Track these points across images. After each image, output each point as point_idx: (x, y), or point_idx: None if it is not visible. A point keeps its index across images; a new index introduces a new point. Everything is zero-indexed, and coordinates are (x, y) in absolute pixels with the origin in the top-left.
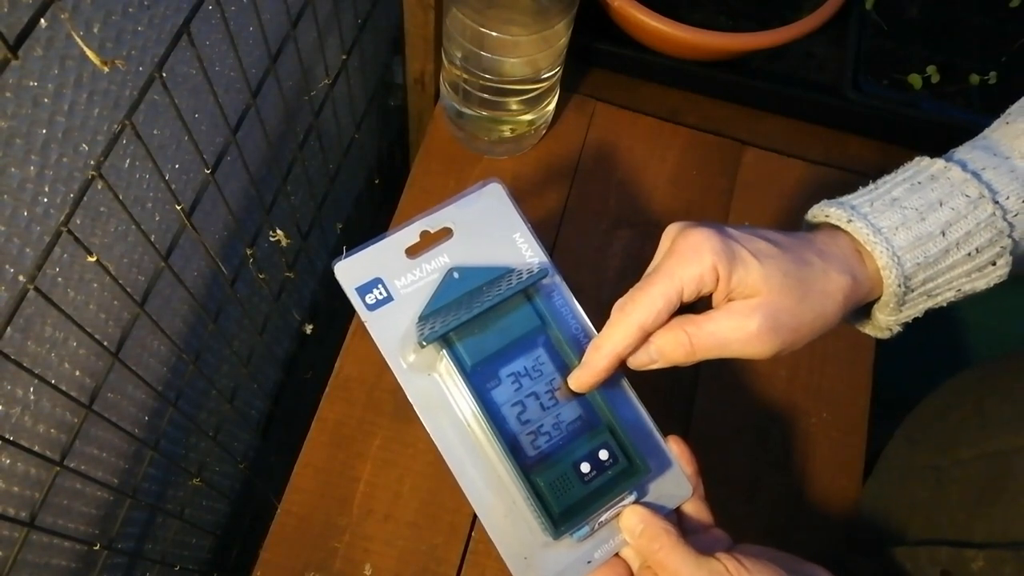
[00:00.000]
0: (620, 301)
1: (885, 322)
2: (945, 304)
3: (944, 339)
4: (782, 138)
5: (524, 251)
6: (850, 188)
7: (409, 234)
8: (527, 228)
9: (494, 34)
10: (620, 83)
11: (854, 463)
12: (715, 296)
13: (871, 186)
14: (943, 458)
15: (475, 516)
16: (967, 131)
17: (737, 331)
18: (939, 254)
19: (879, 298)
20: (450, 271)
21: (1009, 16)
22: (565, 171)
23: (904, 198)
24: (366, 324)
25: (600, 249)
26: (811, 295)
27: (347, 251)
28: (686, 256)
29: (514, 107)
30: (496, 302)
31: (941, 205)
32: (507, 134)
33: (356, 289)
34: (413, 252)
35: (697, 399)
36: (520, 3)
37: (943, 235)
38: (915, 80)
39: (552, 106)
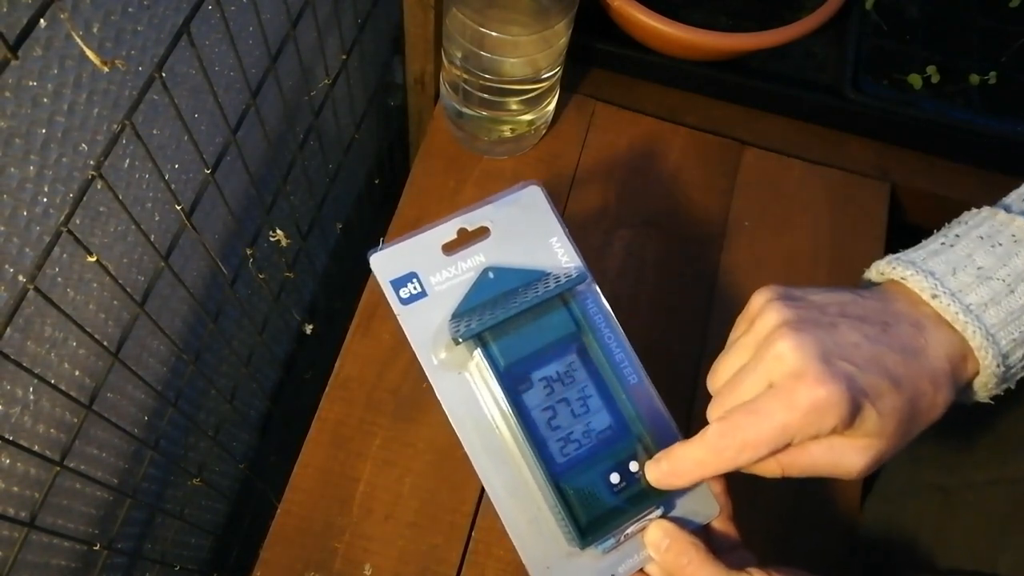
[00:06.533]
0: (722, 425)
1: (984, 396)
2: None
3: None
4: (782, 138)
5: (560, 255)
6: (850, 188)
7: (446, 230)
8: (564, 233)
9: (494, 34)
10: (620, 83)
11: None
12: None
13: (942, 239)
14: (950, 478)
15: (475, 516)
16: (967, 131)
17: (836, 468)
18: None
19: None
20: (485, 270)
21: (1009, 16)
22: (565, 171)
23: (990, 268)
24: (399, 318)
25: (600, 249)
26: (918, 428)
27: (384, 242)
28: (809, 418)
29: (514, 107)
30: (534, 303)
31: None
32: (507, 134)
33: (391, 282)
34: (449, 249)
35: (697, 398)
36: (520, 3)
37: None
38: (915, 80)
39: (552, 106)
